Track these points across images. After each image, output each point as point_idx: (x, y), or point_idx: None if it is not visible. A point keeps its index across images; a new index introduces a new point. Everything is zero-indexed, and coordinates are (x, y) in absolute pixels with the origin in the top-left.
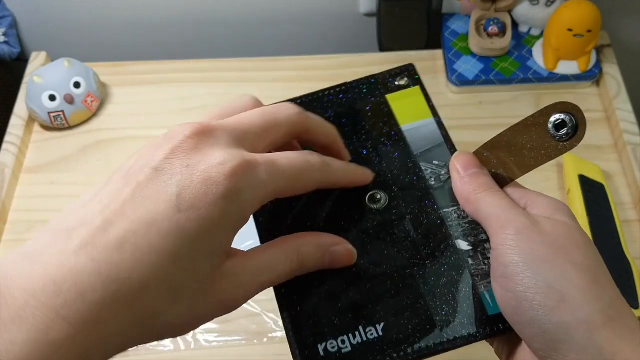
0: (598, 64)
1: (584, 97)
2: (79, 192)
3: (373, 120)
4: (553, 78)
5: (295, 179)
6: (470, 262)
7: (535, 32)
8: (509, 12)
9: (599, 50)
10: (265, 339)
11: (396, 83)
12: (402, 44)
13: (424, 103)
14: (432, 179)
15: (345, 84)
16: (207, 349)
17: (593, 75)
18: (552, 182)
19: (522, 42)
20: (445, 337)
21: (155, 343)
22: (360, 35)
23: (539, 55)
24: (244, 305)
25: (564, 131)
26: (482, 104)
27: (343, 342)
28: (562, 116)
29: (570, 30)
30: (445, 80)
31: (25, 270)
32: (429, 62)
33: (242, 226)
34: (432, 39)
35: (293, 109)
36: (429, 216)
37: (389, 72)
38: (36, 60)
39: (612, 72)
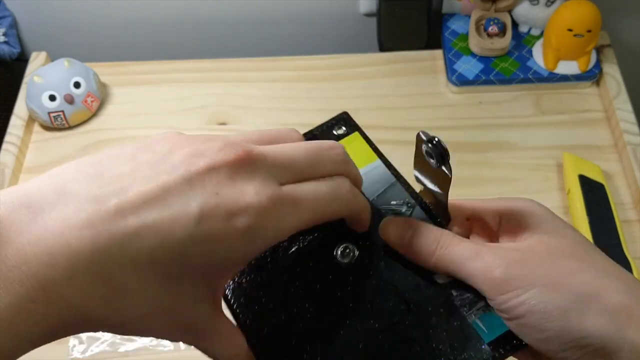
0: (598, 64)
1: (584, 97)
2: None
3: None
4: (553, 78)
5: (320, 215)
6: (454, 293)
7: (535, 32)
8: (509, 12)
9: (599, 50)
10: None
11: (334, 133)
12: (402, 44)
13: (366, 147)
14: None
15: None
16: None
17: (593, 75)
18: (552, 182)
19: (522, 42)
20: None
21: (155, 343)
22: (360, 35)
23: (539, 55)
24: None
25: (433, 161)
26: (482, 104)
27: None
28: (426, 147)
29: (570, 30)
30: (445, 80)
31: (23, 225)
32: (429, 62)
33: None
34: (432, 39)
35: (339, 148)
36: (400, 259)
37: (325, 124)
38: (36, 60)
39: (612, 72)
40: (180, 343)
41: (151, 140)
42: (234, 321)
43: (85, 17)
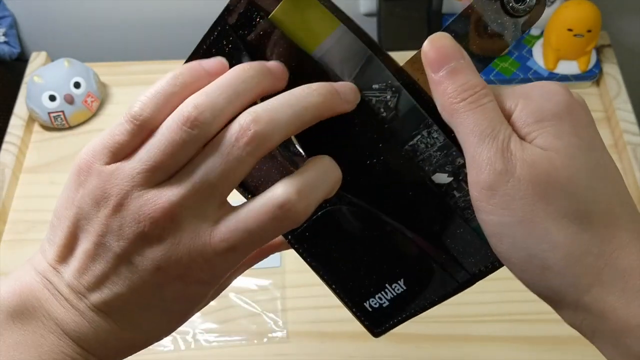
0: (598, 64)
1: (584, 97)
2: None
3: (270, 59)
4: (553, 78)
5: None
6: (456, 194)
7: (535, 32)
8: None
9: (599, 50)
10: (265, 339)
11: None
12: (402, 44)
13: (321, 8)
14: (382, 110)
15: (208, 34)
16: (207, 349)
17: (593, 75)
18: None
19: (522, 42)
20: (458, 279)
21: (155, 343)
22: None
23: (539, 55)
24: (244, 305)
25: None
26: None
27: (380, 298)
28: None
29: (570, 30)
30: None
31: (52, 313)
32: None
33: None
34: None
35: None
36: (395, 159)
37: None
38: (36, 60)
39: (612, 72)
40: (180, 343)
41: (72, 200)
42: None
43: (85, 17)
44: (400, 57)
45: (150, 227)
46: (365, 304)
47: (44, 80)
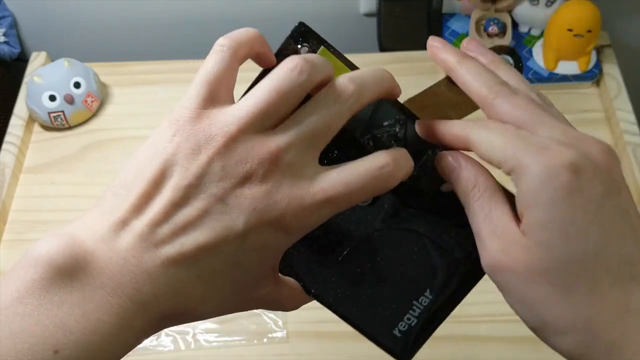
0: (598, 64)
1: (584, 97)
2: (79, 192)
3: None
4: (553, 78)
5: (354, 196)
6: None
7: (535, 32)
8: (509, 12)
9: (599, 50)
10: (265, 339)
11: (304, 51)
12: (402, 44)
13: (337, 61)
14: (393, 142)
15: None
16: (207, 349)
17: (593, 75)
18: None
19: (522, 42)
20: (476, 272)
21: (155, 343)
22: (360, 35)
23: (539, 55)
24: None
25: None
26: None
27: (409, 319)
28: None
29: (570, 30)
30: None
31: (107, 258)
32: (429, 62)
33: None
34: None
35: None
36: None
37: (286, 45)
38: (36, 60)
39: (612, 72)
40: (180, 343)
41: (163, 149)
42: None
43: (85, 17)
44: (400, 57)
45: (257, 168)
46: (394, 331)
47: (44, 80)
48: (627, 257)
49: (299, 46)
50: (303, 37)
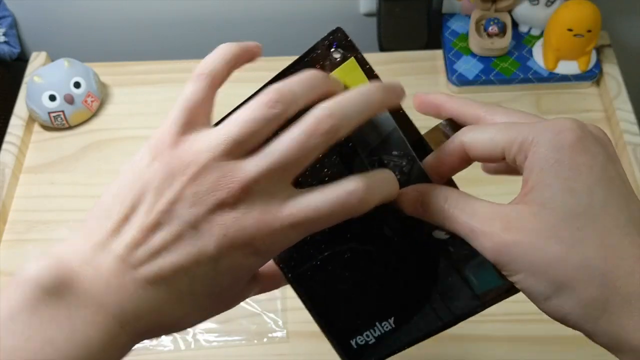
0: (598, 64)
1: (584, 97)
2: (79, 192)
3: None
4: (553, 78)
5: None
6: (451, 249)
7: (535, 32)
8: (509, 12)
9: (599, 50)
10: (265, 339)
11: (335, 57)
12: (402, 44)
13: (364, 78)
14: (396, 173)
15: (289, 69)
16: (207, 349)
17: (593, 75)
18: None
19: (522, 42)
20: (444, 319)
21: (155, 343)
22: (360, 35)
23: (539, 55)
24: (244, 305)
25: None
26: None
27: (367, 336)
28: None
29: (570, 30)
30: (445, 80)
31: (91, 279)
32: (429, 62)
33: None
34: (432, 39)
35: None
36: (403, 215)
37: (319, 45)
38: (36, 60)
39: (612, 72)
40: (180, 343)
41: (141, 174)
42: None
43: (85, 17)
44: (400, 57)
45: (227, 196)
46: (351, 341)
47: (44, 80)
48: (633, 215)
49: (332, 49)
50: (338, 42)
